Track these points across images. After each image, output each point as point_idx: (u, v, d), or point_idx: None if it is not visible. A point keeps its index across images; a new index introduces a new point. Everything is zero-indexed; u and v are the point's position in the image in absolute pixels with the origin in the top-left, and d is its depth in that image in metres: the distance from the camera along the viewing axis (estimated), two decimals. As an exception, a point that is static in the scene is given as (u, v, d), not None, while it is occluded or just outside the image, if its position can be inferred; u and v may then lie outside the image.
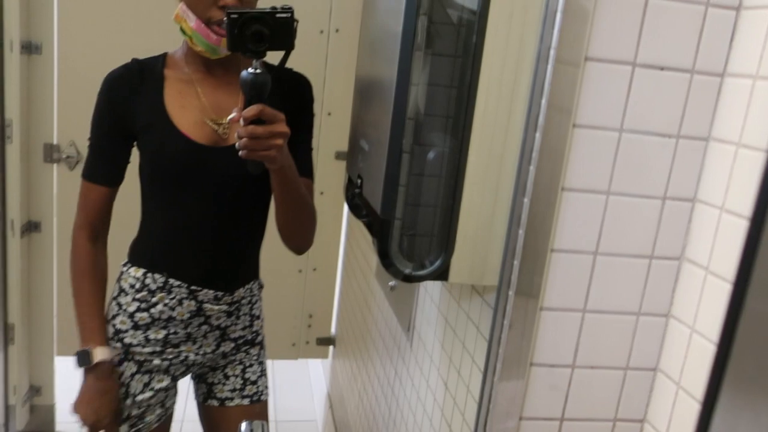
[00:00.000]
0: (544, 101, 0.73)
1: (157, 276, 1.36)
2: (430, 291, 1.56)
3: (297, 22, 1.07)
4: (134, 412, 1.40)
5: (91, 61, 2.32)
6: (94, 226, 1.37)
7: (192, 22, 1.21)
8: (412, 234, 1.16)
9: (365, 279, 2.34)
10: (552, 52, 0.71)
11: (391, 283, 1.89)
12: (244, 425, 1.07)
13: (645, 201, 0.80)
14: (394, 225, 1.14)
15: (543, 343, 0.82)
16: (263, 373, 1.53)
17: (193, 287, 1.37)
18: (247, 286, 1.45)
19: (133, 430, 1.41)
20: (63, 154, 2.42)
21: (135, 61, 1.33)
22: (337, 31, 2.54)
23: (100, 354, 1.33)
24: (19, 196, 2.34)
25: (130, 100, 1.30)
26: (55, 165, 2.44)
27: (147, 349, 1.38)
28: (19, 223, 2.35)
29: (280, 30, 1.06)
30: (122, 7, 2.34)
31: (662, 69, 0.76)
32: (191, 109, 1.30)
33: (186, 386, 1.57)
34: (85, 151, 2.36)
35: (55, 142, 2.41)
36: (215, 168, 1.30)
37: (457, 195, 1.10)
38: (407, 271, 1.15)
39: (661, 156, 0.79)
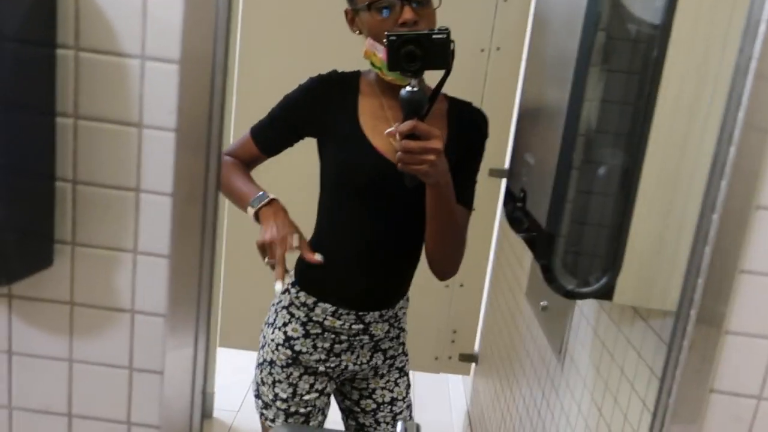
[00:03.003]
0: (741, 115, 0.70)
1: (327, 306, 1.42)
2: (586, 313, 1.52)
3: (453, 42, 1.11)
4: (301, 410, 1.46)
5: (268, 79, 2.50)
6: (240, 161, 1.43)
7: (380, 52, 1.24)
8: (576, 250, 1.15)
9: (513, 297, 2.32)
10: (753, 64, 0.68)
11: (543, 303, 1.86)
12: (399, 425, 1.11)
13: None
14: (559, 240, 1.13)
15: (726, 369, 0.78)
16: (408, 407, 1.57)
17: (360, 313, 1.42)
18: (405, 297, 1.51)
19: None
20: (237, 162, 2.62)
21: (335, 72, 1.39)
22: (498, 49, 2.56)
23: (271, 194, 1.33)
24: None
25: (325, 106, 1.36)
26: (229, 171, 2.64)
27: (314, 357, 1.44)
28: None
29: (436, 50, 1.10)
30: (300, 28, 2.50)
31: None
32: (381, 132, 1.33)
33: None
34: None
35: (231, 150, 2.62)
36: (398, 185, 1.35)
37: (628, 213, 1.07)
38: (570, 287, 1.13)
39: None
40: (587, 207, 1.13)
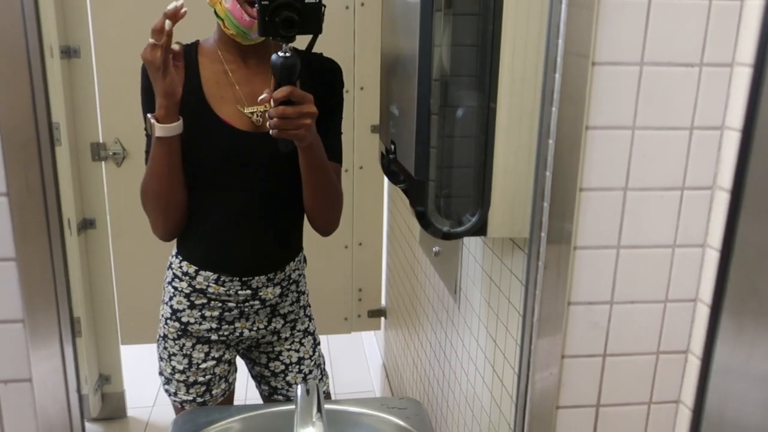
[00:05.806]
0: (561, 42, 0.74)
1: (208, 273, 1.41)
2: (473, 251, 1.58)
3: (325, 7, 1.12)
4: (200, 378, 1.47)
5: (127, 61, 2.37)
6: None
7: (228, 2, 1.23)
8: (447, 193, 1.18)
9: (410, 248, 2.37)
10: (565, -7, 0.72)
11: (435, 248, 1.92)
12: (299, 387, 1.12)
13: (672, 133, 0.80)
14: (429, 185, 1.16)
15: (579, 282, 0.84)
16: (317, 366, 1.56)
17: (244, 278, 1.41)
18: (297, 259, 1.50)
19: (200, 400, 1.48)
20: (110, 152, 2.50)
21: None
22: (362, 5, 2.55)
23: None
24: (72, 195, 2.44)
25: None
26: (103, 163, 2.53)
27: (204, 326, 1.44)
28: (75, 221, 2.46)
29: (309, 15, 1.10)
30: (151, 8, 2.38)
31: (680, -2, 0.75)
32: (228, 100, 1.33)
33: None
34: (129, 147, 2.48)
35: (101, 140, 2.50)
36: (257, 152, 1.34)
37: (489, 150, 1.11)
38: (445, 229, 1.17)
39: (685, 86, 0.78)
40: (451, 150, 1.16)
